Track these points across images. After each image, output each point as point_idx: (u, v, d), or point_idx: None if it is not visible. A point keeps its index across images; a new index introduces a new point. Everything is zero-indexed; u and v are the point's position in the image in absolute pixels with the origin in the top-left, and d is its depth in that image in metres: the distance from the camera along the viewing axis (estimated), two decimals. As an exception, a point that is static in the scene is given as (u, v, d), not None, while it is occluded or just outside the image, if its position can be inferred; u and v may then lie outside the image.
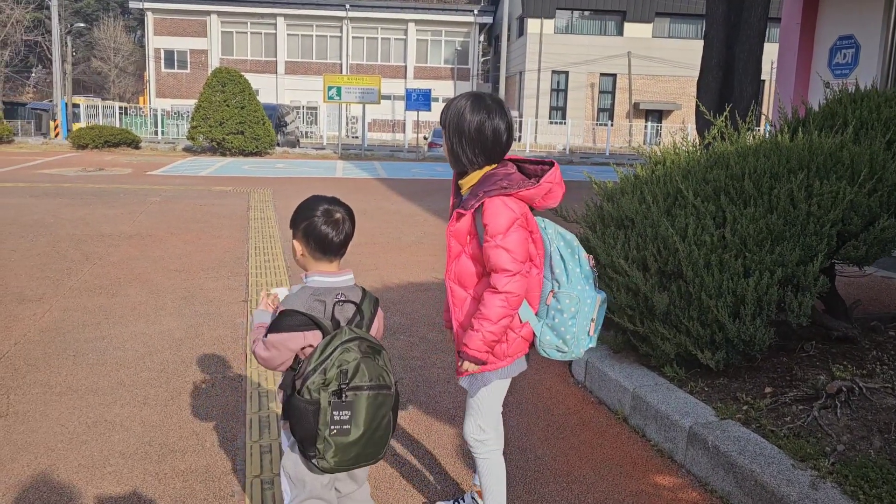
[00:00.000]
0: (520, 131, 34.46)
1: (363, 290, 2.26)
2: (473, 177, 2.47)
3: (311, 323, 2.08)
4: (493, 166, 2.47)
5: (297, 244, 2.23)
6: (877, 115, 4.43)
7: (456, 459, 3.34)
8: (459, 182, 2.54)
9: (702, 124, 8.14)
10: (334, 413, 2.02)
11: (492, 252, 2.32)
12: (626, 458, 3.40)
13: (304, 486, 2.23)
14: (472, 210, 2.38)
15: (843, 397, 3.33)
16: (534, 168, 2.49)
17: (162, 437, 3.47)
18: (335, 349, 2.04)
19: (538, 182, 2.39)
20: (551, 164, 2.44)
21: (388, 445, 2.19)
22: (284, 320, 2.10)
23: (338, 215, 2.19)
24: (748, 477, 2.89)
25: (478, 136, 2.39)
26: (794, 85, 9.40)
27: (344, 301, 2.16)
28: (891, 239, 3.81)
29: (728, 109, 6.18)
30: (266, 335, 2.12)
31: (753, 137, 4.72)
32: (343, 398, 2.03)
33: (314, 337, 2.09)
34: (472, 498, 2.91)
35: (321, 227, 2.16)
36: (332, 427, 2.03)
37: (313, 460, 2.07)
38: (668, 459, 3.39)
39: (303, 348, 2.11)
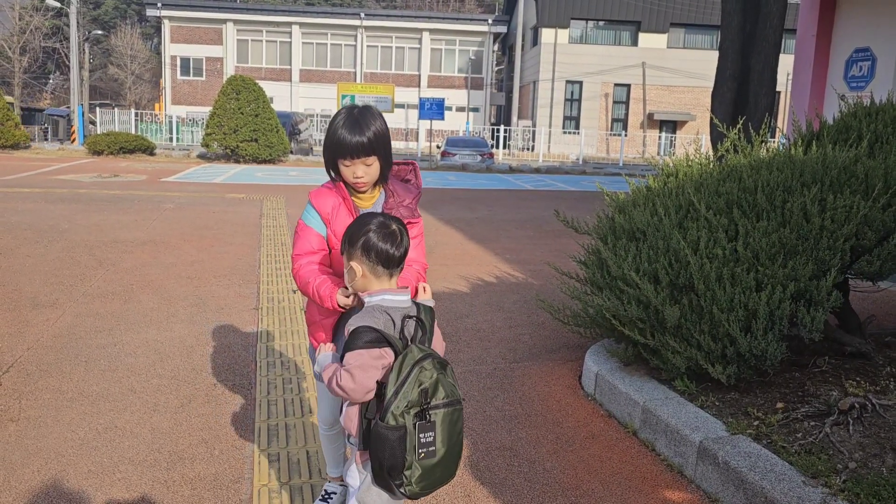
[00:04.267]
0: (533, 141, 34.47)
1: (415, 303, 2.18)
2: (376, 189, 2.54)
3: (384, 340, 2.00)
4: None
5: (355, 265, 2.14)
6: (892, 128, 4.40)
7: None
8: (361, 197, 2.53)
9: (716, 136, 8.11)
10: (420, 435, 1.96)
11: (420, 248, 2.58)
12: (636, 473, 3.37)
13: None
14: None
15: (855, 414, 3.30)
16: (396, 169, 2.63)
17: (171, 444, 3.48)
18: (412, 369, 1.96)
19: (416, 181, 2.65)
20: (411, 164, 2.66)
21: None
22: (360, 338, 2.01)
23: (393, 227, 2.15)
24: (758, 493, 2.86)
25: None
26: (809, 97, 9.35)
27: (410, 317, 2.11)
28: (905, 254, 3.78)
29: (742, 122, 6.16)
30: (343, 364, 2.01)
31: (767, 150, 4.69)
32: (427, 419, 1.97)
33: (390, 354, 2.01)
34: (341, 485, 2.92)
35: (379, 240, 2.11)
36: (420, 451, 1.96)
37: (400, 489, 1.99)
38: (677, 474, 3.36)
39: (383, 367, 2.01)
